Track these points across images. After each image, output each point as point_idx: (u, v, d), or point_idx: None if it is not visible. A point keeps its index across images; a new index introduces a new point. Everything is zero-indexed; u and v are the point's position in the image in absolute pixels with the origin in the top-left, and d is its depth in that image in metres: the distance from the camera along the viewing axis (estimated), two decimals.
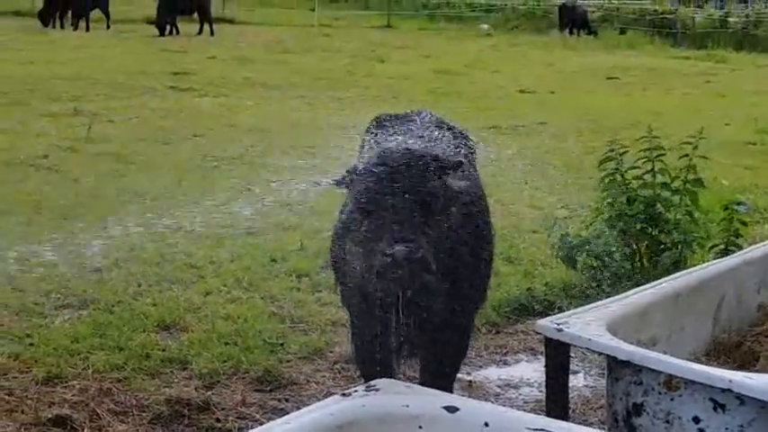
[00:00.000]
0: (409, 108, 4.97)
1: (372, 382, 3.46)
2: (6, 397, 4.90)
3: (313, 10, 32.33)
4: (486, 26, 32.27)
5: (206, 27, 26.20)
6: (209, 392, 5.07)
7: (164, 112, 14.08)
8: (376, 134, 4.30)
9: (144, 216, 8.49)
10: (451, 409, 3.27)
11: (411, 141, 3.97)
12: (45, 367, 5.25)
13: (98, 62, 18.62)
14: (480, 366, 5.69)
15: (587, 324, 3.96)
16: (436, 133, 4.24)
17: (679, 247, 6.77)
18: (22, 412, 4.71)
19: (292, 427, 3.17)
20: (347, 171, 3.80)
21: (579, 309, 4.17)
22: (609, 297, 4.49)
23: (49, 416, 4.67)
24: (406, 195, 3.56)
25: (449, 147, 4.16)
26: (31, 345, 5.56)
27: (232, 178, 10.15)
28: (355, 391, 3.41)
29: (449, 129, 4.45)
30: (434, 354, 4.11)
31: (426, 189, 3.61)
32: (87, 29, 25.61)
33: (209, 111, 14.33)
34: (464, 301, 4.07)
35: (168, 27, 25.50)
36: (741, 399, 3.53)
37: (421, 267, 3.50)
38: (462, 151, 4.28)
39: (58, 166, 10.27)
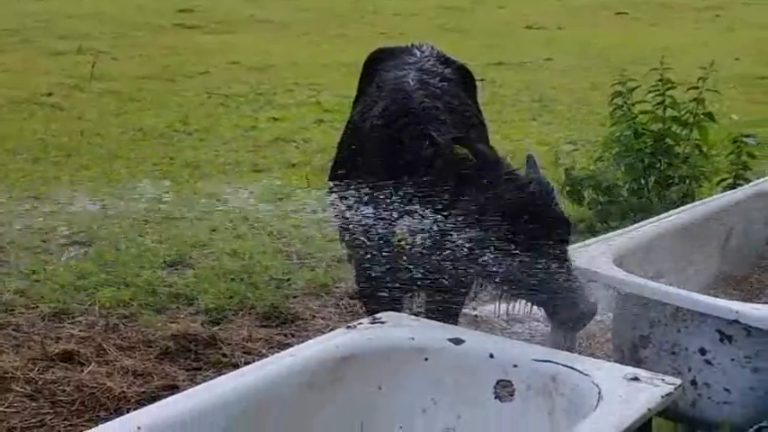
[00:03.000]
0: None
1: (378, 315, 3.45)
2: (13, 332, 4.91)
3: None
4: None
5: None
6: (216, 328, 5.07)
7: (168, 49, 13.97)
8: (375, 67, 4.25)
9: (149, 154, 8.45)
10: (457, 341, 3.26)
11: (411, 75, 3.92)
12: (51, 303, 5.26)
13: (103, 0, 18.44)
14: (486, 301, 5.67)
15: (594, 257, 3.95)
16: (436, 68, 4.17)
17: (687, 181, 6.73)
18: (29, 347, 4.72)
19: (297, 359, 3.16)
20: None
21: (585, 242, 4.15)
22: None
23: (56, 351, 4.67)
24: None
25: (449, 82, 4.10)
26: (38, 281, 5.57)
27: (237, 116, 10.09)
28: (360, 323, 3.40)
29: (449, 63, 4.38)
30: (439, 288, 4.09)
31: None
32: None
33: (214, 48, 14.21)
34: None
35: None
36: (748, 330, 3.52)
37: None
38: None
39: (63, 104, 10.23)
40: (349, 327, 3.38)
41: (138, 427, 2.69)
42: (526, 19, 18.33)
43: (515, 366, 3.16)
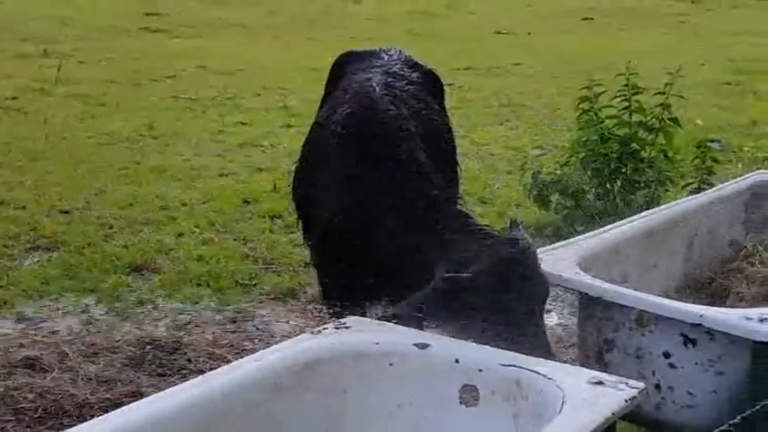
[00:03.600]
0: None
1: (342, 320, 3.43)
2: None
3: None
4: None
5: None
6: (181, 333, 5.04)
7: (135, 53, 13.88)
8: (342, 70, 4.25)
9: (114, 158, 8.39)
10: (422, 346, 3.25)
11: (377, 79, 3.92)
12: (15, 309, 5.20)
13: (69, 2, 18.29)
14: None
15: (559, 261, 3.96)
16: (404, 71, 4.18)
17: (652, 185, 6.76)
18: None
19: (262, 364, 3.14)
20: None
21: (551, 246, 4.16)
22: None
23: (19, 357, 4.63)
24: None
25: (416, 86, 4.11)
26: (1, 287, 5.51)
27: (204, 120, 10.04)
28: (325, 328, 3.38)
29: (417, 67, 4.39)
30: (403, 292, 4.08)
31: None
32: None
33: (181, 52, 14.13)
34: None
35: None
36: (711, 334, 3.54)
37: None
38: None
39: (28, 107, 10.14)
40: (314, 332, 3.36)
41: None
42: (496, 24, 18.39)
43: (480, 371, 3.16)
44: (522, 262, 3.49)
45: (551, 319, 5.41)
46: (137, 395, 4.33)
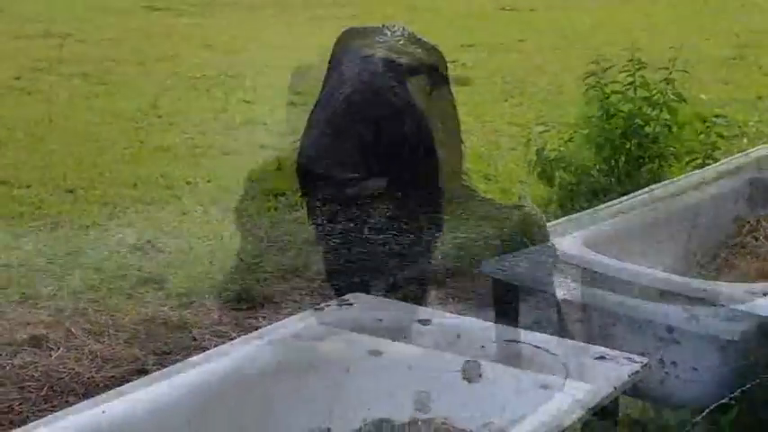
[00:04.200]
0: None
1: (345, 297, 3.44)
2: None
3: None
4: None
5: None
6: (186, 312, 5.05)
7: (138, 32, 13.83)
8: (345, 47, 4.24)
9: (118, 137, 8.39)
10: (424, 322, 3.26)
11: (381, 55, 3.92)
12: (20, 288, 5.22)
13: None
14: None
15: (563, 237, 3.96)
16: (407, 48, 4.17)
17: (657, 161, 6.75)
18: None
19: (264, 342, 3.16)
20: None
21: (554, 222, 4.15)
22: None
23: (25, 336, 4.65)
24: None
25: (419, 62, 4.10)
26: (5, 265, 5.52)
27: (207, 98, 10.03)
28: (328, 305, 3.39)
29: (421, 44, 4.38)
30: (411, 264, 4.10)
31: None
32: None
33: (184, 31, 14.09)
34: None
35: None
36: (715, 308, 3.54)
37: None
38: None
39: (30, 87, 10.12)
40: (317, 309, 3.37)
41: (103, 411, 2.68)
42: (499, 1, 18.29)
43: (483, 347, 3.17)
44: (533, 225, 3.52)
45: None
46: (142, 373, 4.34)
